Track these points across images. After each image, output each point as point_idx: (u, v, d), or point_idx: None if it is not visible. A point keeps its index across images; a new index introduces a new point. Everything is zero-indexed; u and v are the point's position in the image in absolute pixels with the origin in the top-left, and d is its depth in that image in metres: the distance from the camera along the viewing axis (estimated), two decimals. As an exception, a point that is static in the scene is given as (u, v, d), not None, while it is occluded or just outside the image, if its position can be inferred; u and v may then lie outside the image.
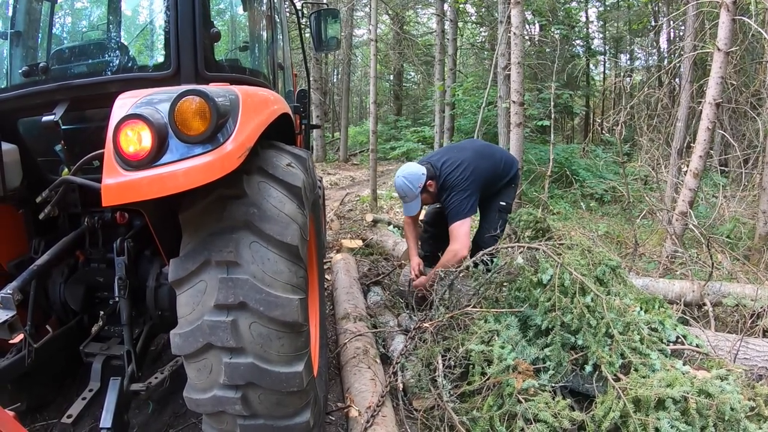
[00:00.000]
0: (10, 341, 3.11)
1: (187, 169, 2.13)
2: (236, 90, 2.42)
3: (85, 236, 3.17)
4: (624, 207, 10.39)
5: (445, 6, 17.73)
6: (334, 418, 3.57)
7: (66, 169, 3.01)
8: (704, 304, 4.91)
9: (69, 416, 2.77)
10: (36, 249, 3.20)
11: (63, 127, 2.94)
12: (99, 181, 2.16)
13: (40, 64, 3.05)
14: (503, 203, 5.15)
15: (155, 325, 3.18)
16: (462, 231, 4.70)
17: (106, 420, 2.70)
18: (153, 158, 2.13)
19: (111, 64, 3.24)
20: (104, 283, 3.19)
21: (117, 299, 2.94)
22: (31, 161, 3.05)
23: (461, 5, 18.19)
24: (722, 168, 10.54)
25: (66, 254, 3.13)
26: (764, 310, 4.55)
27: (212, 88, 2.35)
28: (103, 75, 3.09)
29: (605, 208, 11.55)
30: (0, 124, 2.89)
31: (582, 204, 9.83)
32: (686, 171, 7.25)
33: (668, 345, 3.49)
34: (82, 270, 3.25)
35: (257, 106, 2.55)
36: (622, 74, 20.62)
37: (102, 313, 3.18)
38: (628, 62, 22.66)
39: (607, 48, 22.58)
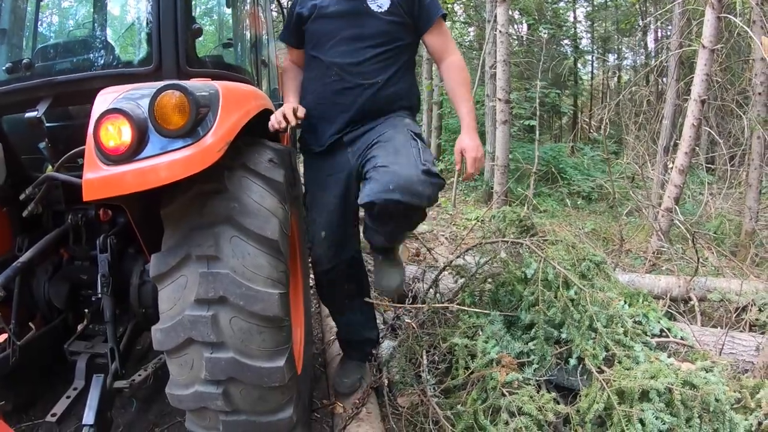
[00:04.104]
0: None
1: (167, 163, 2.15)
2: (217, 85, 2.43)
3: (69, 234, 3.16)
4: (610, 204, 10.43)
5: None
6: (319, 416, 3.57)
7: (50, 167, 3.01)
8: (690, 299, 4.94)
9: (53, 414, 2.76)
10: (20, 247, 3.19)
11: (47, 124, 2.94)
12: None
13: (24, 61, 3.05)
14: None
15: (139, 323, 3.17)
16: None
17: (89, 417, 2.70)
18: (133, 152, 2.15)
19: (94, 61, 3.25)
20: (88, 280, 3.18)
21: (101, 296, 2.94)
22: (15, 159, 3.04)
23: (449, 5, 18.21)
24: (709, 165, 10.60)
25: (50, 251, 3.12)
26: (750, 303, 4.58)
27: (192, 83, 2.37)
28: (86, 71, 3.08)
29: (593, 206, 11.59)
30: None
31: (567, 201, 9.86)
32: (672, 168, 7.29)
33: (652, 338, 3.50)
34: (66, 268, 3.24)
35: (238, 101, 2.56)
36: (609, 73, 20.74)
37: (86, 311, 3.18)
38: (616, 61, 22.76)
39: (594, 48, 22.68)
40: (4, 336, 2.94)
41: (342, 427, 3.20)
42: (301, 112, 3.10)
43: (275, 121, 3.01)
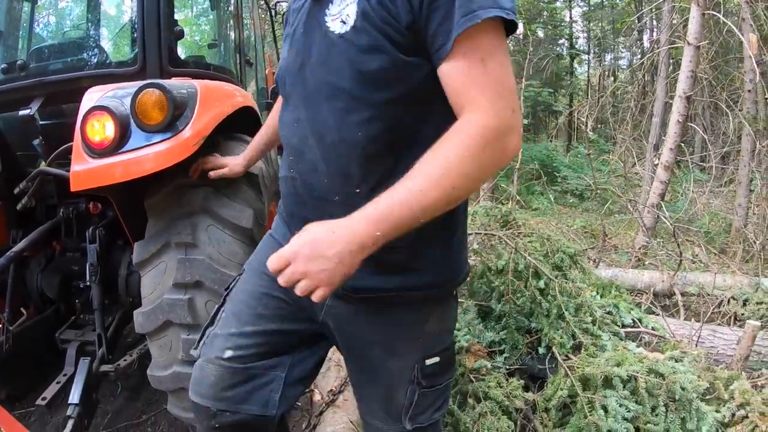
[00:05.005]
0: None
1: (147, 156, 2.33)
2: (195, 83, 2.58)
3: (60, 226, 3.29)
4: (592, 197, 10.49)
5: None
6: (300, 404, 3.66)
7: (43, 163, 3.14)
8: (674, 294, 5.03)
9: (43, 399, 2.90)
10: (14, 239, 3.32)
11: (41, 122, 3.10)
12: None
13: (18, 62, 3.20)
14: None
15: (127, 312, 3.29)
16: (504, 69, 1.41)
17: (75, 397, 2.83)
18: (116, 146, 2.33)
19: (83, 62, 3.40)
20: (79, 272, 3.31)
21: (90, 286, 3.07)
22: (9, 155, 3.18)
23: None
24: (701, 164, 10.68)
25: (43, 243, 3.26)
26: (731, 298, 4.69)
27: (172, 82, 2.53)
28: (76, 72, 3.23)
29: (585, 204, 11.67)
30: None
31: (551, 196, 9.95)
32: (657, 164, 7.37)
33: (623, 328, 3.59)
34: (58, 260, 3.38)
35: (217, 99, 2.70)
36: (606, 73, 20.77)
37: (77, 301, 3.32)
38: (612, 61, 22.76)
39: (590, 47, 22.69)
40: None
41: (318, 413, 3.30)
42: (216, 173, 2.45)
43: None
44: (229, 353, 1.79)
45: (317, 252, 1.33)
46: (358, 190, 1.54)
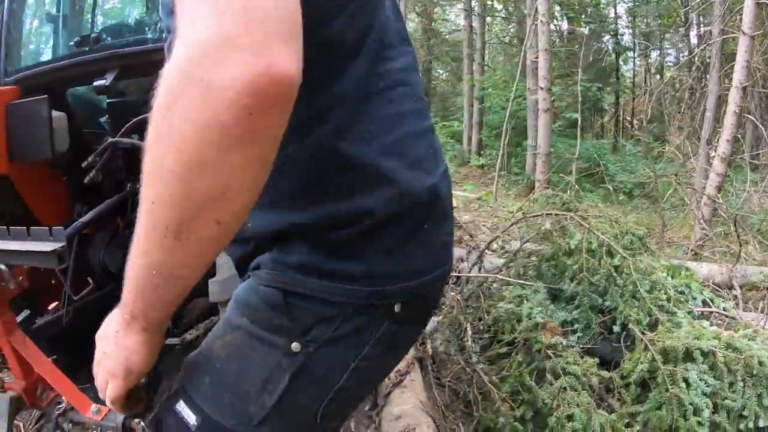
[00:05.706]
0: (49, 307, 3.29)
1: None
2: None
3: (127, 201, 3.32)
4: (641, 195, 10.35)
5: (473, 2, 17.81)
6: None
7: (110, 139, 3.18)
8: (732, 287, 4.92)
9: None
10: (80, 214, 3.35)
11: (107, 100, 3.11)
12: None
13: (92, 35, 3.24)
14: None
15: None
16: None
17: None
18: None
19: (156, 35, 3.44)
20: None
21: None
22: (77, 131, 3.22)
23: (488, 2, 18.22)
24: (753, 162, 10.47)
25: (109, 216, 3.27)
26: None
27: None
28: (150, 44, 3.26)
29: (635, 202, 11.55)
30: (51, 93, 3.05)
31: (610, 187, 9.85)
32: (714, 156, 7.27)
33: (695, 308, 3.53)
34: (122, 234, 3.40)
35: None
36: (652, 70, 20.51)
37: None
38: (658, 57, 22.46)
39: (636, 43, 22.40)
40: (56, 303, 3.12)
41: (386, 393, 3.27)
42: None
43: None
44: None
45: (102, 332, 1.05)
46: None
